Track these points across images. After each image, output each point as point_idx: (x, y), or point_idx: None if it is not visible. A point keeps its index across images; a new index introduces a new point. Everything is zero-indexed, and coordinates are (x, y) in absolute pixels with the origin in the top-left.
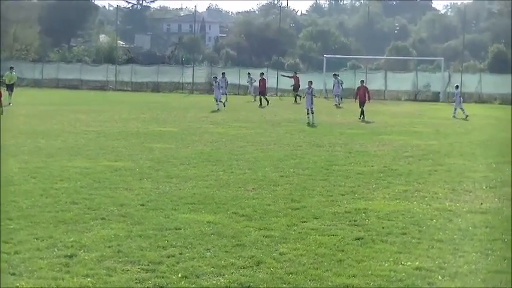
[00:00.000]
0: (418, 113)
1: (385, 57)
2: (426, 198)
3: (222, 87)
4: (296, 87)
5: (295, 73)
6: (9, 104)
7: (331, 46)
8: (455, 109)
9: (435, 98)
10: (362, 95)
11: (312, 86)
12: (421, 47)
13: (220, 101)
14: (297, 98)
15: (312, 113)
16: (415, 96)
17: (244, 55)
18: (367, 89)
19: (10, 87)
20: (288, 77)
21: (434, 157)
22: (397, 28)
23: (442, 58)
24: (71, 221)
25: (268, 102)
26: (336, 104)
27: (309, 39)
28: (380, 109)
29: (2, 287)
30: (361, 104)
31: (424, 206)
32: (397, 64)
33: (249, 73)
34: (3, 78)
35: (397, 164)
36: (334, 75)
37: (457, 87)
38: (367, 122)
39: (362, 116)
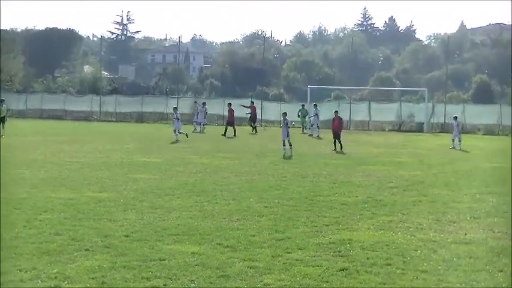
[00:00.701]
0: (402, 143)
1: (369, 87)
2: (410, 229)
3: (200, 115)
4: (253, 116)
5: (252, 103)
6: (2, 136)
7: (315, 76)
8: (454, 140)
9: (419, 128)
10: (336, 125)
11: (286, 118)
12: (404, 77)
13: (180, 132)
14: (255, 128)
15: (290, 146)
16: (399, 127)
17: (229, 85)
18: (341, 119)
19: (1, 120)
20: (246, 107)
21: (419, 187)
22: (381, 59)
23: (426, 89)
24: (54, 252)
25: (235, 133)
26: (310, 135)
27: (293, 69)
28: (364, 139)
29: (2, 287)
30: (336, 135)
31: (408, 237)
32: (381, 95)
33: (203, 103)
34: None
35: (382, 194)
36: (315, 105)
37: (455, 118)
38: (344, 153)
39: (337, 147)
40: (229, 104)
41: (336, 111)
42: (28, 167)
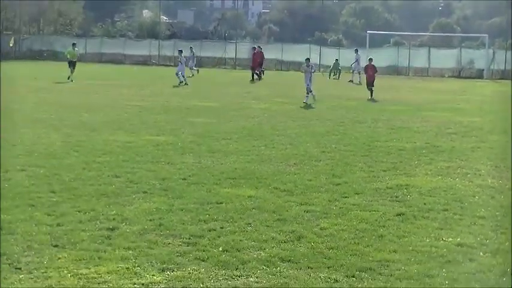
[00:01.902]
0: (462, 90)
1: (428, 33)
2: (468, 175)
3: (189, 61)
4: (260, 63)
5: (256, 48)
6: (71, 80)
7: (375, 23)
8: None
9: (479, 74)
10: (370, 75)
11: (310, 63)
12: (465, 24)
13: (183, 76)
14: (260, 73)
15: (311, 92)
16: (458, 73)
17: (287, 31)
18: (374, 67)
19: (72, 64)
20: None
21: (478, 134)
22: (441, 5)
23: (487, 35)
24: (112, 194)
25: (260, 77)
26: (351, 80)
27: (352, 15)
28: (423, 86)
29: (2, 287)
30: (369, 84)
31: (466, 183)
32: (441, 41)
33: (191, 47)
34: (66, 54)
35: (440, 140)
36: (356, 50)
37: None
38: (376, 101)
39: (371, 95)
40: (257, 47)
41: (370, 59)
42: (87, 110)
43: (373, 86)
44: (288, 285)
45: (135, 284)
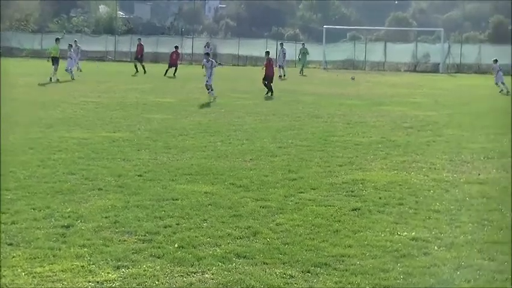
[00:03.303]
0: (418, 84)
1: (385, 28)
2: (424, 169)
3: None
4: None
5: (139, 39)
6: (57, 80)
7: (332, 17)
8: (497, 83)
9: (435, 69)
10: (269, 70)
11: (210, 59)
12: (421, 17)
13: (71, 71)
14: (139, 66)
15: (211, 90)
16: (414, 67)
17: (244, 26)
18: (271, 60)
19: (56, 61)
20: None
21: (433, 128)
22: None
23: (442, 29)
24: (68, 192)
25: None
26: (280, 76)
27: (309, 9)
28: (379, 80)
29: (1, 287)
30: (266, 79)
31: (421, 177)
32: (397, 35)
33: (75, 40)
34: (49, 50)
35: (396, 134)
36: (281, 44)
37: (495, 61)
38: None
39: (270, 92)
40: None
41: (267, 52)
42: (43, 106)
43: (270, 81)
44: (244, 281)
45: (89, 281)
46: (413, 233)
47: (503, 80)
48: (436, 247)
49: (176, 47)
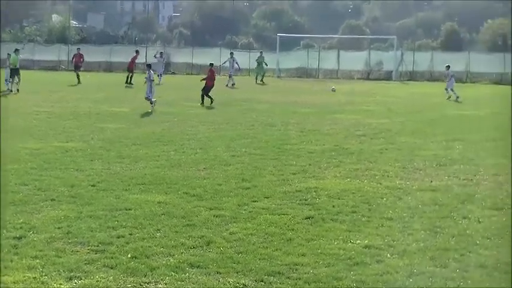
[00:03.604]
0: (371, 92)
1: (338, 36)
2: (377, 177)
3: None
4: (77, 65)
5: (78, 49)
6: (17, 90)
7: (285, 25)
8: (447, 89)
9: (388, 76)
10: (210, 79)
11: (149, 71)
12: (374, 25)
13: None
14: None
15: (152, 103)
16: (367, 75)
17: (198, 34)
18: (214, 72)
19: (16, 72)
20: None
21: (386, 135)
22: (351, 7)
23: (395, 36)
24: (20, 203)
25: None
26: (227, 85)
27: (262, 18)
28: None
29: (1, 287)
30: (206, 89)
31: (374, 185)
32: (350, 43)
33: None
34: (10, 61)
35: (349, 142)
36: (231, 53)
37: (448, 67)
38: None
39: (210, 101)
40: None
41: (211, 64)
42: None
43: (208, 91)
44: None
45: None
46: (366, 241)
47: (453, 86)
48: (388, 255)
49: (137, 51)
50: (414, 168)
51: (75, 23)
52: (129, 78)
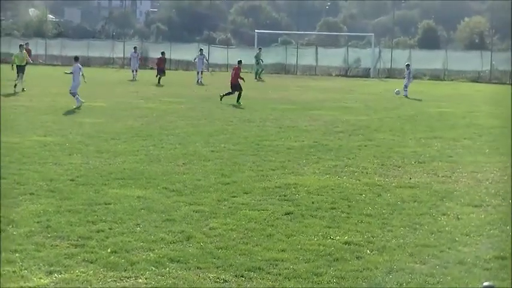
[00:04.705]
0: (349, 89)
1: (316, 32)
2: (356, 173)
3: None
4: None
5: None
6: (23, 89)
7: (263, 21)
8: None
9: (366, 73)
10: (234, 76)
11: (76, 64)
12: (351, 23)
13: None
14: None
15: (77, 98)
16: (345, 72)
17: (176, 30)
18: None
19: (21, 69)
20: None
21: (364, 132)
22: (328, 4)
23: (373, 34)
24: None
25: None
26: (198, 81)
27: (240, 14)
28: (311, 84)
29: (2, 287)
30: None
31: (353, 181)
32: (328, 40)
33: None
34: (13, 58)
35: (328, 139)
36: (200, 50)
37: (408, 65)
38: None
39: (223, 96)
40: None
41: (240, 61)
42: None
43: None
44: (177, 285)
45: (21, 287)
46: (346, 237)
47: (409, 83)
48: (368, 251)
49: (162, 53)
50: (393, 165)
51: (52, 17)
52: (159, 79)
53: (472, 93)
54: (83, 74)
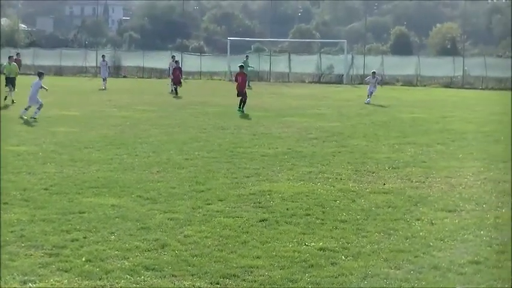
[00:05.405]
0: (322, 95)
1: (288, 39)
2: (330, 180)
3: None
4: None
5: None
6: (14, 102)
7: (236, 29)
8: (372, 93)
9: (339, 80)
10: (242, 82)
11: (40, 79)
12: (324, 29)
13: None
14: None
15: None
16: (319, 79)
17: (148, 38)
18: (245, 75)
19: (10, 81)
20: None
21: (338, 138)
22: (301, 11)
23: (345, 40)
24: None
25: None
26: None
27: (213, 21)
28: (284, 91)
29: (2, 287)
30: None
31: (327, 187)
32: (300, 47)
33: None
34: (3, 70)
35: (301, 145)
36: (173, 57)
37: (374, 73)
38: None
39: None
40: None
41: (241, 66)
42: None
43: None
44: None
45: None
46: (320, 243)
47: (375, 91)
48: (343, 257)
49: (177, 62)
50: (367, 171)
51: (24, 26)
52: (175, 90)
53: (444, 98)
54: (43, 87)
